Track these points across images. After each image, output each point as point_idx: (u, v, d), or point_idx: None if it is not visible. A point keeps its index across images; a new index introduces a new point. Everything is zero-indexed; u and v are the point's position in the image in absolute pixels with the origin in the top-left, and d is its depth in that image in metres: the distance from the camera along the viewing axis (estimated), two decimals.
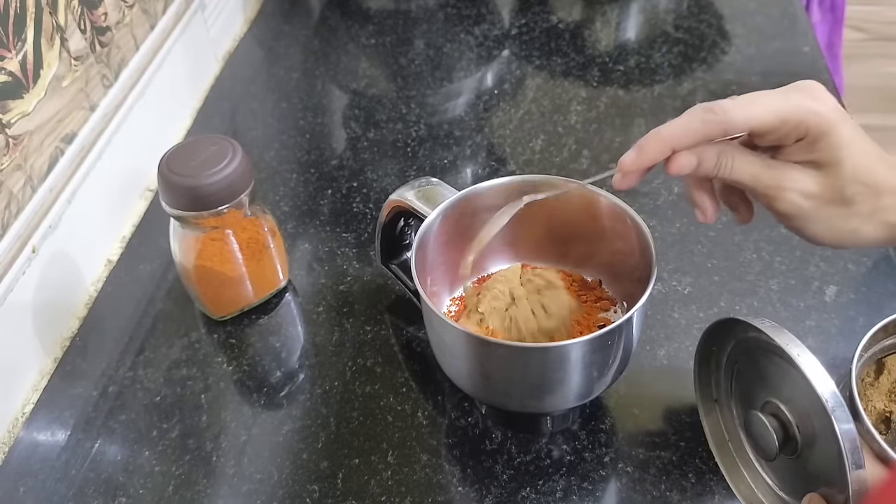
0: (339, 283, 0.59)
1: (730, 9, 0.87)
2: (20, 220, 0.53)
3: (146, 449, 0.49)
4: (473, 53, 0.84)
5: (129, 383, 0.53)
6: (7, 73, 0.51)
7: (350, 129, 0.75)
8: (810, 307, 0.54)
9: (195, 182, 0.49)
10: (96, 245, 0.62)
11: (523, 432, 0.48)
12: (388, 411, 0.50)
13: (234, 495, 0.47)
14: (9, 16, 0.51)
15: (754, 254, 0.58)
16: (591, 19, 0.88)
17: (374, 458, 0.48)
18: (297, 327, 0.57)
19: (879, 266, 0.57)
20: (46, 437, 0.51)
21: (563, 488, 0.46)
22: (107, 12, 0.64)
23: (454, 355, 0.45)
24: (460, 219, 0.49)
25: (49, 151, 0.56)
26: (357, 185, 0.68)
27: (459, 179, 0.68)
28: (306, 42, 0.88)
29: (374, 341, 0.55)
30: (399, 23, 0.89)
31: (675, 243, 0.60)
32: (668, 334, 0.53)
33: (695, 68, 0.78)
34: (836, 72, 1.20)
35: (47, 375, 0.54)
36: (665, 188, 0.64)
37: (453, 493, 0.46)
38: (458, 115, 0.76)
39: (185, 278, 0.55)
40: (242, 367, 0.54)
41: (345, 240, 0.62)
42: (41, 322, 0.55)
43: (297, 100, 0.79)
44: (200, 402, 0.52)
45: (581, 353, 0.41)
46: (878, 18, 1.35)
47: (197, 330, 0.57)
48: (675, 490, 0.45)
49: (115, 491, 0.47)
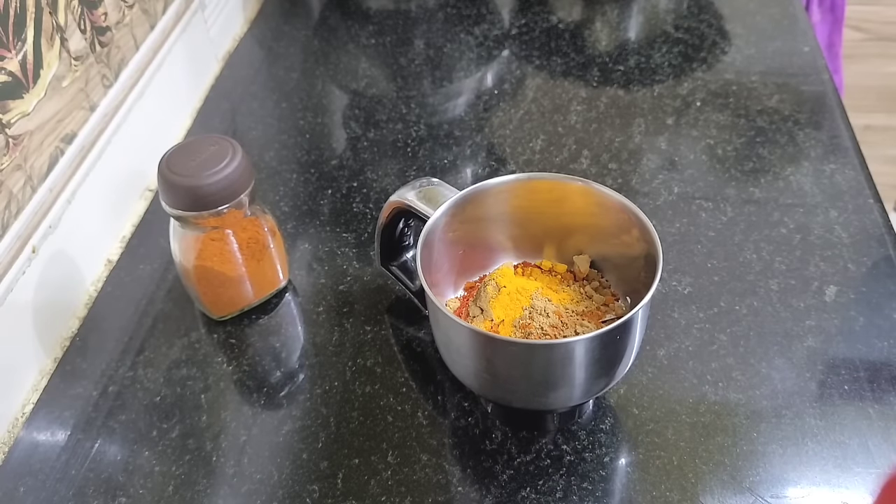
0: (339, 283, 0.59)
1: (730, 9, 0.87)
2: (20, 220, 0.53)
3: (146, 449, 0.49)
4: (473, 53, 0.84)
5: (129, 383, 0.53)
6: (7, 73, 0.51)
7: (350, 129, 0.75)
8: (810, 307, 0.54)
9: (195, 182, 0.49)
10: (96, 245, 0.62)
11: (528, 430, 0.48)
12: (388, 411, 0.50)
13: (234, 495, 0.47)
14: (9, 16, 0.51)
15: (754, 254, 0.58)
16: (591, 19, 0.88)
17: (374, 458, 0.48)
18: (297, 327, 0.57)
19: (879, 266, 0.57)
20: (46, 437, 0.51)
21: (563, 488, 0.46)
22: (107, 12, 0.64)
23: (460, 353, 0.45)
24: (463, 218, 0.50)
25: (49, 151, 0.56)
26: (357, 185, 0.68)
27: (459, 179, 0.68)
28: (306, 42, 0.88)
29: (374, 341, 0.55)
30: (399, 23, 0.89)
31: (674, 243, 0.60)
32: (668, 334, 0.53)
33: (695, 68, 0.78)
34: (836, 72, 1.20)
35: (47, 375, 0.54)
36: (665, 188, 0.64)
37: (453, 493, 0.46)
38: (458, 115, 0.76)
39: (185, 278, 0.55)
40: (242, 367, 0.54)
41: (345, 240, 0.62)
42: (41, 322, 0.55)
43: (297, 100, 0.79)
44: (200, 402, 0.52)
45: (587, 350, 0.41)
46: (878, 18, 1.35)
47: (197, 330, 0.57)
48: (675, 490, 0.45)
49: (115, 491, 0.47)
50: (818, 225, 0.60)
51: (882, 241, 0.58)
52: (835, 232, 0.59)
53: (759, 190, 0.64)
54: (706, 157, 0.68)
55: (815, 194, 0.63)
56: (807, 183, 0.64)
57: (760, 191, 0.64)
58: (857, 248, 0.58)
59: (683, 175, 0.66)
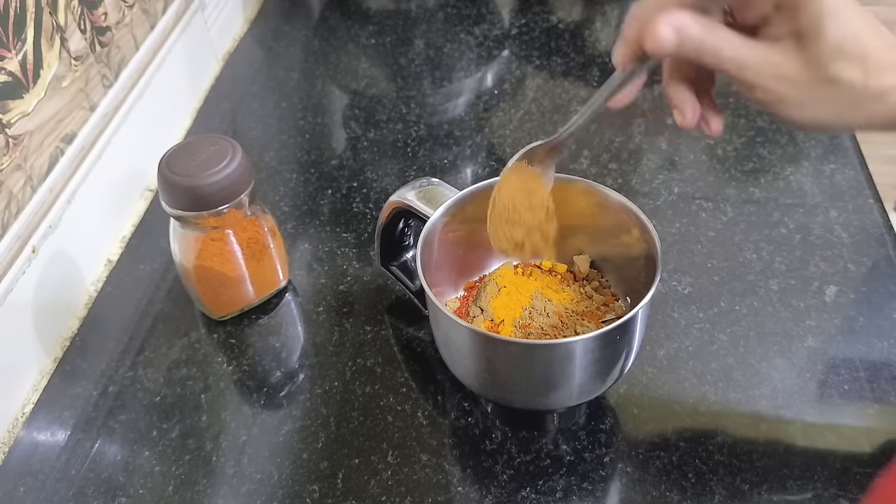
0: (339, 283, 0.59)
1: None
2: (20, 220, 0.53)
3: (146, 449, 0.49)
4: (473, 53, 0.84)
5: (129, 383, 0.53)
6: (7, 73, 0.51)
7: (350, 129, 0.75)
8: (810, 307, 0.54)
9: (195, 182, 0.49)
10: (96, 245, 0.62)
11: (528, 430, 0.48)
12: (388, 411, 0.50)
13: (234, 495, 0.47)
14: (9, 16, 0.51)
15: (754, 254, 0.58)
16: (591, 19, 0.88)
17: (374, 458, 0.48)
18: (297, 327, 0.57)
19: (879, 266, 0.57)
20: (46, 437, 0.51)
21: (563, 488, 0.46)
22: (107, 12, 0.64)
23: (460, 353, 0.45)
24: (463, 218, 0.49)
25: (49, 151, 0.56)
26: (357, 185, 0.68)
27: (459, 179, 0.68)
28: (306, 42, 0.88)
29: (374, 341, 0.55)
30: (399, 23, 0.89)
31: (674, 243, 0.60)
32: (667, 334, 0.53)
33: None
34: None
35: (47, 375, 0.54)
36: (665, 188, 0.64)
37: (453, 493, 0.46)
38: (458, 115, 0.76)
39: (185, 278, 0.55)
40: (242, 367, 0.54)
41: (345, 240, 0.62)
42: (41, 322, 0.55)
43: (297, 100, 0.79)
44: (200, 402, 0.52)
45: (587, 350, 0.41)
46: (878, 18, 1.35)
47: (197, 330, 0.57)
48: (675, 490, 0.45)
49: (115, 491, 0.47)
50: (818, 225, 0.60)
51: (882, 241, 0.58)
52: (835, 232, 0.59)
53: (759, 190, 0.64)
54: (706, 157, 0.68)
55: (815, 194, 0.63)
56: (807, 183, 0.64)
57: (760, 191, 0.64)
58: (857, 248, 0.58)
59: (683, 175, 0.66)
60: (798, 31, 0.33)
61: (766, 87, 0.34)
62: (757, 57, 0.34)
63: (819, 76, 0.33)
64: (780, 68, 0.34)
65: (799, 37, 0.33)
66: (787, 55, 0.34)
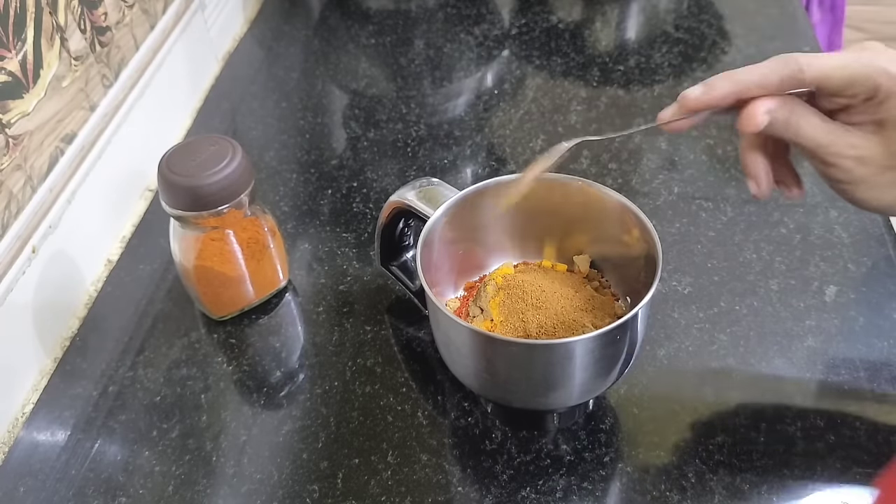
0: (339, 283, 0.59)
1: (730, 9, 0.87)
2: (20, 220, 0.53)
3: (146, 449, 0.49)
4: (473, 53, 0.84)
5: (129, 383, 0.53)
6: (7, 73, 0.51)
7: (350, 129, 0.75)
8: (810, 307, 0.54)
9: (195, 182, 0.49)
10: (96, 245, 0.62)
11: (528, 430, 0.48)
12: (388, 411, 0.50)
13: (234, 495, 0.47)
14: (9, 16, 0.51)
15: (754, 254, 0.58)
16: (591, 19, 0.88)
17: (374, 458, 0.48)
18: (297, 327, 0.57)
19: (879, 266, 0.57)
20: (46, 437, 0.51)
21: (563, 488, 0.46)
22: (107, 12, 0.64)
23: (460, 353, 0.45)
24: (463, 218, 0.50)
25: (49, 151, 0.56)
26: (357, 185, 0.68)
27: (459, 179, 0.68)
28: (306, 42, 0.88)
29: (374, 341, 0.55)
30: (399, 23, 0.89)
31: (674, 243, 0.60)
32: (667, 334, 0.53)
33: (695, 68, 0.78)
34: None
35: (47, 375, 0.54)
36: (665, 188, 0.64)
37: (453, 493, 0.46)
38: (458, 115, 0.76)
39: (185, 278, 0.55)
40: (242, 367, 0.54)
41: (345, 240, 0.62)
42: (41, 322, 0.55)
43: (297, 100, 0.79)
44: (200, 402, 0.52)
45: (587, 350, 0.41)
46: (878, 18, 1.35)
47: (197, 330, 0.57)
48: (674, 490, 0.45)
49: (115, 491, 0.47)
50: (818, 225, 0.60)
51: (882, 241, 0.58)
52: (835, 232, 0.59)
53: None
54: (706, 157, 0.68)
55: (815, 194, 0.63)
56: (807, 183, 0.63)
57: None
58: (857, 248, 0.58)
59: (683, 175, 0.66)
60: (881, 120, 0.37)
61: (845, 168, 0.37)
62: (839, 139, 0.37)
63: (894, 161, 0.37)
64: (861, 151, 0.37)
65: (882, 124, 0.37)
66: (869, 140, 0.37)
